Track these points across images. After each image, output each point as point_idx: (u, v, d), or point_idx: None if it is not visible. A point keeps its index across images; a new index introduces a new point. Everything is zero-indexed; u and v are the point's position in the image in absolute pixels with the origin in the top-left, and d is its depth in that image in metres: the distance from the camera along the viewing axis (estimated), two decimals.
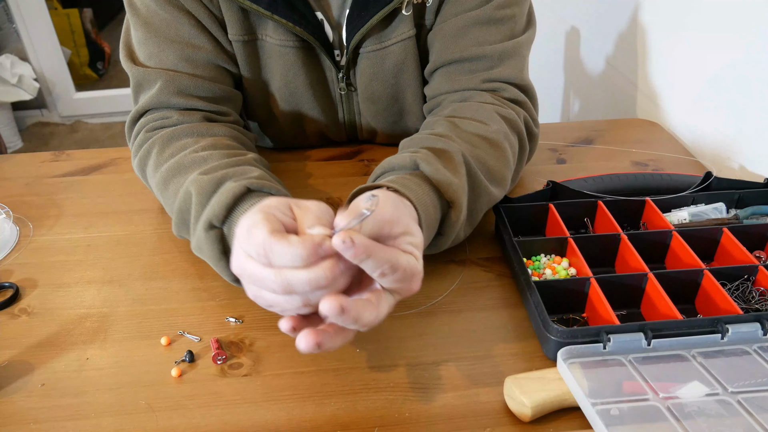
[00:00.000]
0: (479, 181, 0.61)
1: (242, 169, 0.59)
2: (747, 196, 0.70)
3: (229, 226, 0.54)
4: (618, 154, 0.88)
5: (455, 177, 0.57)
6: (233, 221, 0.54)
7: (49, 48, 2.78)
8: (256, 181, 0.56)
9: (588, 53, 1.35)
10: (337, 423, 0.50)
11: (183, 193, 0.59)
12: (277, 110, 0.82)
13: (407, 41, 0.75)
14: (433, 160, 0.56)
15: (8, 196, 0.81)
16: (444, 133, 0.63)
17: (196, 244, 0.57)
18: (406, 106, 0.82)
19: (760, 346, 0.51)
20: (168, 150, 0.65)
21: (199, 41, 0.71)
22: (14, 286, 0.65)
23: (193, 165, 0.61)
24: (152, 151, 0.67)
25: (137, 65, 0.71)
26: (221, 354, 0.56)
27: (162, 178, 0.63)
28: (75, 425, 0.50)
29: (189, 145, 0.65)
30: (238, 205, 0.54)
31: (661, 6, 1.02)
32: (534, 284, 0.57)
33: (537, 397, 0.48)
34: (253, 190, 0.56)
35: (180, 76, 0.70)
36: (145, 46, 0.70)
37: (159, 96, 0.69)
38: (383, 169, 0.59)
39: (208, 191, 0.56)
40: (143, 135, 0.69)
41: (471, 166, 0.60)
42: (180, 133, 0.67)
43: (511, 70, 0.72)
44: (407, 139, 0.65)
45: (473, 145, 0.62)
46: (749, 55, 0.81)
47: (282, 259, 0.42)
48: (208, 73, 0.72)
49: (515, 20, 0.73)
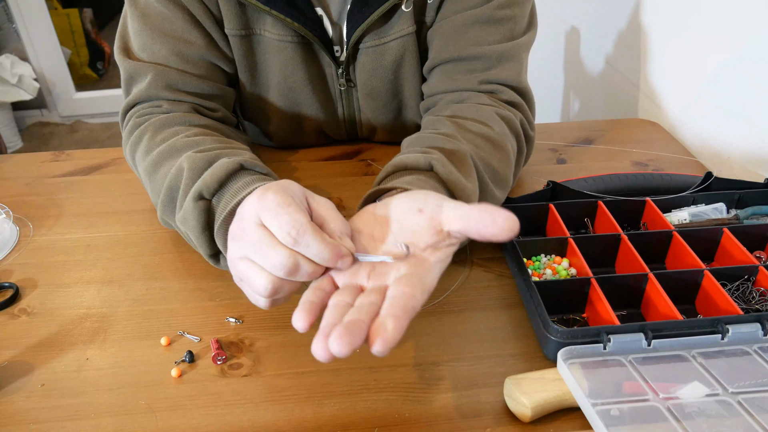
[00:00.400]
0: (486, 184, 0.61)
1: (235, 151, 0.61)
2: (747, 196, 0.70)
3: (218, 198, 0.55)
4: (618, 154, 0.88)
5: (468, 181, 0.57)
6: (223, 194, 0.54)
7: (49, 48, 2.78)
8: (250, 160, 0.57)
9: (588, 53, 1.35)
10: (337, 423, 0.50)
11: (175, 170, 0.59)
12: (276, 107, 0.82)
13: (406, 37, 0.75)
14: (446, 163, 0.56)
15: (8, 196, 0.81)
16: (451, 134, 0.62)
17: (182, 216, 0.57)
18: (405, 101, 0.82)
19: (761, 347, 0.51)
20: (160, 135, 0.66)
21: (192, 36, 0.71)
22: (14, 286, 0.65)
23: (185, 147, 0.62)
24: (144, 137, 0.67)
25: (130, 59, 0.72)
26: (221, 354, 0.56)
27: (152, 161, 0.64)
28: (75, 425, 0.50)
29: (181, 132, 0.66)
30: (230, 180, 0.55)
31: (661, 6, 1.02)
32: (534, 284, 0.57)
33: (537, 398, 0.48)
34: (246, 168, 0.56)
35: (169, 71, 0.70)
36: (140, 37, 0.71)
37: (149, 89, 0.70)
38: (395, 168, 0.58)
39: (201, 167, 0.57)
40: (134, 121, 0.70)
41: (478, 168, 0.60)
42: (172, 120, 0.68)
43: (509, 73, 0.72)
44: (412, 138, 0.65)
45: (478, 146, 0.62)
46: (749, 54, 0.81)
47: (308, 249, 0.44)
48: (199, 69, 0.72)
49: (516, 21, 0.73)
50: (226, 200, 0.53)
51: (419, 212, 0.47)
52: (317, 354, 0.40)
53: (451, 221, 0.45)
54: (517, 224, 0.43)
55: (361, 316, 0.41)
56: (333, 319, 0.42)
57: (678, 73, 0.98)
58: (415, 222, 0.47)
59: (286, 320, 0.60)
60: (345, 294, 0.45)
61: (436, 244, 0.46)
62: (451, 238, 0.47)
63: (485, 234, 0.43)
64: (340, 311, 0.43)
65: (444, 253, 0.47)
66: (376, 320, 0.41)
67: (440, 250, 0.47)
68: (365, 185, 0.81)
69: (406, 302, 0.42)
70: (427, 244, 0.46)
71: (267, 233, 0.44)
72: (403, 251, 0.46)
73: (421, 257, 0.46)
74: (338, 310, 0.43)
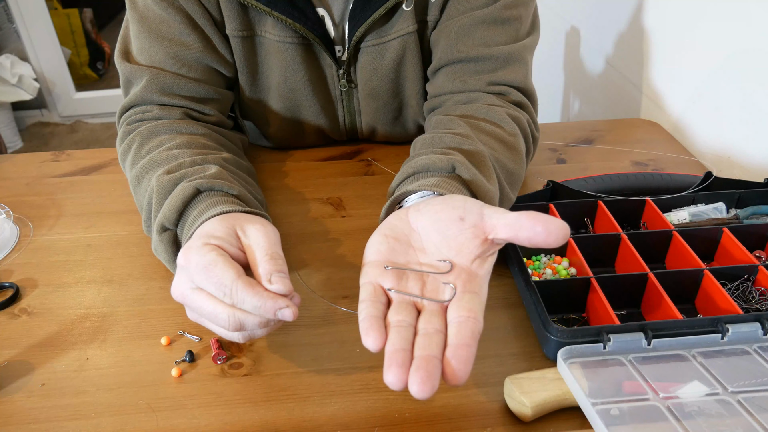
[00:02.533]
0: (503, 186, 0.61)
1: (200, 168, 0.60)
2: (747, 196, 0.70)
3: (181, 227, 0.56)
4: (618, 154, 0.88)
5: (490, 184, 0.56)
6: (184, 222, 0.55)
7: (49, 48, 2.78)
8: (207, 181, 0.57)
9: (588, 53, 1.35)
10: (337, 423, 0.50)
11: (149, 191, 0.60)
12: (276, 108, 0.82)
13: (407, 36, 0.75)
14: (469, 165, 0.55)
15: (8, 196, 0.81)
16: (467, 134, 0.62)
17: (154, 246, 0.59)
18: (406, 101, 0.82)
19: (760, 346, 0.51)
20: (146, 146, 0.66)
21: (189, 39, 0.71)
22: (14, 286, 0.65)
23: (164, 162, 0.62)
24: (132, 147, 0.68)
25: (129, 62, 0.72)
26: (221, 354, 0.56)
27: (136, 174, 0.64)
28: (75, 425, 0.50)
29: (165, 142, 0.66)
30: (188, 207, 0.56)
31: (661, 6, 1.02)
32: (534, 284, 0.57)
33: (537, 397, 0.48)
34: (203, 191, 0.56)
35: (164, 75, 0.71)
36: (138, 40, 0.71)
37: (143, 93, 0.71)
38: (415, 169, 0.56)
39: (166, 191, 0.58)
40: (125, 128, 0.71)
41: (496, 170, 0.60)
42: (159, 129, 0.68)
43: (516, 74, 0.72)
44: (426, 138, 0.64)
45: (492, 147, 0.62)
46: (749, 54, 0.81)
47: (245, 305, 0.45)
48: (195, 72, 0.72)
49: (521, 21, 0.73)
50: (187, 228, 0.54)
51: (461, 221, 0.46)
52: (392, 384, 0.38)
53: (497, 229, 0.44)
54: (569, 230, 0.42)
55: (433, 351, 0.40)
56: (401, 344, 0.40)
57: (678, 72, 0.98)
58: (458, 231, 0.46)
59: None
60: (404, 312, 0.43)
61: (483, 254, 0.45)
62: (494, 246, 0.46)
63: (538, 242, 0.42)
64: (405, 335, 0.41)
65: (489, 263, 0.46)
66: (448, 351, 0.40)
67: (486, 261, 0.46)
68: (365, 185, 0.82)
69: (473, 329, 0.41)
70: (475, 255, 0.45)
71: (204, 294, 0.46)
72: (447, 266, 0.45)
73: (471, 272, 0.45)
74: (404, 334, 0.41)
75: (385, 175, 0.83)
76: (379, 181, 0.82)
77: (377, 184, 0.82)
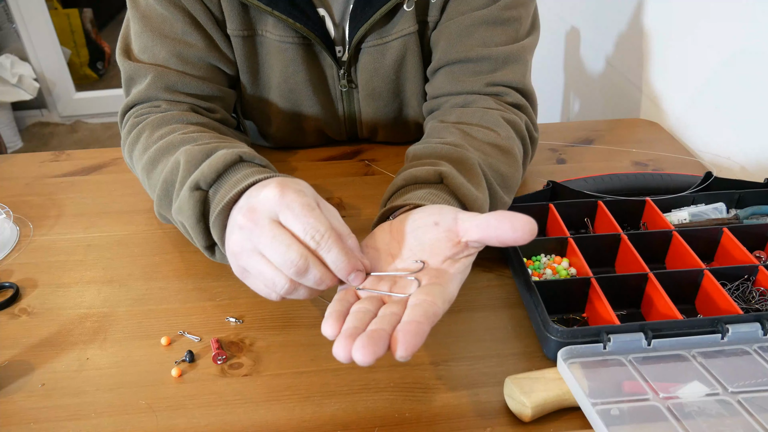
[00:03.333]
0: (495, 191, 0.61)
1: (234, 143, 0.60)
2: (747, 196, 0.70)
3: (215, 189, 0.54)
4: (618, 154, 0.88)
5: (478, 191, 0.57)
6: (220, 185, 0.54)
7: (49, 48, 2.78)
8: (249, 152, 0.57)
9: (588, 53, 1.35)
10: (337, 423, 0.50)
11: (171, 164, 0.59)
12: (276, 107, 0.82)
13: (408, 37, 0.75)
14: (456, 174, 0.56)
15: (8, 196, 0.81)
16: (458, 143, 0.62)
17: (178, 206, 0.56)
18: (406, 101, 0.82)
19: (760, 346, 0.51)
20: (157, 132, 0.66)
21: (192, 38, 0.71)
22: (14, 286, 0.65)
23: (183, 143, 0.62)
24: (142, 134, 0.67)
25: (131, 60, 0.72)
26: (221, 354, 0.56)
27: (150, 158, 0.63)
28: (75, 425, 0.50)
29: (179, 129, 0.66)
30: (228, 171, 0.54)
31: (661, 6, 1.02)
32: (534, 284, 0.57)
33: (537, 397, 0.48)
34: (245, 161, 0.56)
35: (169, 73, 0.70)
36: (140, 39, 0.71)
37: (148, 90, 0.70)
38: (405, 182, 0.58)
39: (198, 159, 0.56)
40: (132, 121, 0.70)
41: (487, 176, 0.60)
42: (170, 118, 0.68)
43: (515, 75, 0.72)
44: (418, 148, 0.64)
45: (486, 153, 0.62)
46: (749, 54, 0.81)
47: (328, 254, 0.45)
48: (199, 70, 0.72)
49: (521, 22, 0.73)
50: (224, 191, 0.52)
51: (435, 225, 0.48)
52: (338, 355, 0.40)
53: (468, 232, 0.46)
54: (536, 225, 0.43)
55: (383, 325, 0.42)
56: (355, 323, 0.43)
57: (678, 72, 0.98)
58: (432, 235, 0.47)
59: (286, 320, 0.60)
60: (367, 303, 0.46)
61: (455, 255, 0.47)
62: (469, 249, 0.47)
63: (506, 240, 0.43)
64: (362, 317, 0.43)
65: (463, 264, 0.47)
66: (397, 326, 0.42)
67: (459, 261, 0.47)
68: (365, 185, 0.82)
69: (426, 309, 0.42)
70: (446, 257, 0.47)
71: (282, 230, 0.45)
72: (419, 265, 0.47)
73: (440, 269, 0.47)
74: (360, 316, 0.44)
75: (384, 175, 0.83)
76: (378, 181, 0.82)
77: (377, 184, 0.82)
